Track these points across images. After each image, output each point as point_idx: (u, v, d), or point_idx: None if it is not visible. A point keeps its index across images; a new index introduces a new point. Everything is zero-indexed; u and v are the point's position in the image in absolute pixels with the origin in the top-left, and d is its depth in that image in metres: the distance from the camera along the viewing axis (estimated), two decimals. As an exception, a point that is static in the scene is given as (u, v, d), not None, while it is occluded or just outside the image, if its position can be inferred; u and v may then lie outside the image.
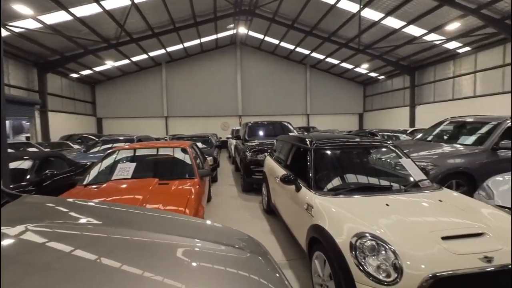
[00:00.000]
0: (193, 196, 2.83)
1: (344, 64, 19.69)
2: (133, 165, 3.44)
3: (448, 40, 12.87)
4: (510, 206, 2.85)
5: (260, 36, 18.98)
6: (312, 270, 2.32)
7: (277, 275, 1.04)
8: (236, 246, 1.21)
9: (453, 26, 11.43)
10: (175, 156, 4.06)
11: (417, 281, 1.55)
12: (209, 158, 6.79)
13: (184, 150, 4.05)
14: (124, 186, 3.11)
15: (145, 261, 0.90)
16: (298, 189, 2.80)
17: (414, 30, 12.97)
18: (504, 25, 10.71)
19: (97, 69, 17.64)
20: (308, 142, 3.12)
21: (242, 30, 17.72)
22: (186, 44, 18.20)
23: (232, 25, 16.92)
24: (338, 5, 12.71)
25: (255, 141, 7.03)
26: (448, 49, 14.06)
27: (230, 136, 13.16)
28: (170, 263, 0.92)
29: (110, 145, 7.48)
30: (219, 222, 1.53)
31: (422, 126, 13.86)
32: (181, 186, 3.11)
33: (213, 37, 18.40)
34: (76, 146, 11.44)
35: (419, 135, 6.48)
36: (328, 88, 22.45)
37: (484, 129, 5.14)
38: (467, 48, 13.50)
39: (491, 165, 4.38)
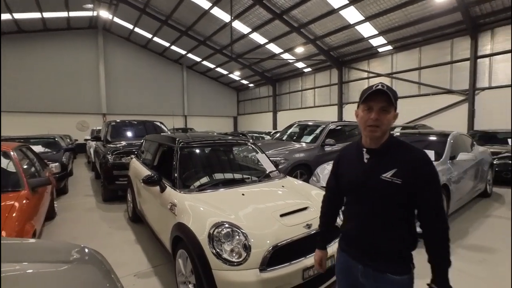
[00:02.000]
0: (14, 214, 2.13)
1: (219, 69, 20.74)
2: None
3: (297, 60, 16.13)
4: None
5: (129, 26, 16.97)
6: (176, 270, 2.27)
7: (108, 284, 0.94)
8: (62, 260, 1.01)
9: (300, 50, 14.44)
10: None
11: (261, 255, 1.83)
12: (55, 165, 5.40)
13: (5, 155, 3.00)
14: None
15: None
16: (162, 189, 2.68)
17: (274, 48, 15.41)
18: (329, 55, 14.58)
19: None
20: (174, 141, 3.05)
21: (104, 14, 15.26)
22: (19, 16, 13.70)
23: (90, 5, 14.22)
24: (212, 11, 13.28)
25: (122, 142, 6.21)
26: (298, 67, 17.62)
27: (89, 137, 10.95)
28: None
29: None
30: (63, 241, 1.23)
31: (281, 128, 16.72)
32: (-4, 203, 2.28)
33: (63, 14, 14.78)
34: None
35: (277, 135, 7.78)
36: (205, 91, 22.94)
37: (317, 131, 6.77)
38: (309, 69, 17.42)
39: (321, 157, 5.81)
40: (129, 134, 7.09)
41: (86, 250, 1.18)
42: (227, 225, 1.96)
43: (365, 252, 1.20)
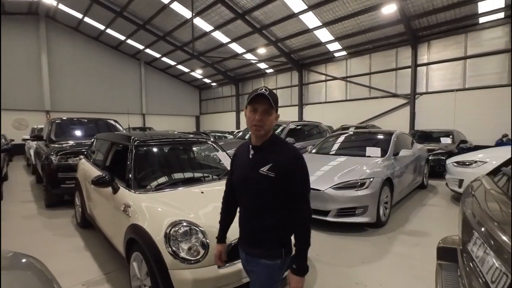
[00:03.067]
0: None
1: (180, 67, 20.07)
2: None
3: (260, 61, 16.39)
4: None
5: (78, 15, 15.48)
6: (130, 274, 2.16)
7: None
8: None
9: (262, 51, 14.69)
10: None
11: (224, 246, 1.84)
12: (-16, 168, 4.70)
13: None
14: None
15: None
16: (115, 191, 2.51)
17: (236, 47, 15.43)
18: (290, 58, 15.10)
19: None
20: (128, 140, 2.89)
21: None
22: None
23: (30, -11, 12.65)
24: (172, 6, 12.79)
25: (70, 142, 5.66)
26: (260, 68, 17.90)
27: (27, 137, 9.72)
28: None
29: None
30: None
31: (244, 128, 16.81)
32: None
33: (-5, -4, 12.91)
34: None
35: (239, 135, 7.82)
36: (165, 88, 21.99)
37: (278, 130, 6.97)
38: (271, 70, 17.82)
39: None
40: (78, 133, 6.49)
41: (23, 258, 1.06)
42: (185, 224, 1.93)
43: (246, 241, 1.37)
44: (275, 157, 1.26)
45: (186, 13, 13.06)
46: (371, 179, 3.69)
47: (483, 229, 1.00)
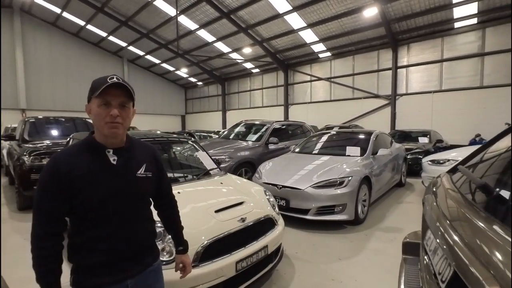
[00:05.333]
0: None
1: (165, 65, 19.74)
2: None
3: (246, 61, 16.39)
4: (269, 182, 4.07)
5: (56, 10, 14.89)
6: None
7: None
8: None
9: (247, 50, 14.70)
10: None
11: (194, 251, 1.83)
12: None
13: None
14: None
15: None
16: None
17: (222, 47, 15.36)
18: (276, 58, 15.19)
19: None
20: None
21: (23, -7, 13.12)
22: None
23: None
24: (155, 3, 12.56)
25: (45, 142, 5.44)
26: (246, 68, 17.91)
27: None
28: None
29: None
30: None
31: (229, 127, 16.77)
32: None
33: (-36, -13, 12.19)
34: None
35: (224, 134, 7.79)
36: (149, 87, 21.55)
37: (262, 130, 7.00)
38: (257, 70, 17.87)
39: (265, 155, 6.04)
40: (55, 132, 6.25)
41: None
42: (159, 225, 1.90)
43: (131, 260, 1.10)
44: (143, 156, 1.15)
45: (171, 11, 12.86)
46: (350, 178, 3.79)
47: (436, 224, 1.05)
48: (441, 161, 5.03)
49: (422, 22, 10.68)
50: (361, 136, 5.33)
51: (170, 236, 1.86)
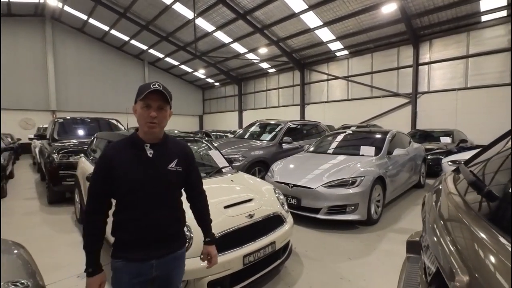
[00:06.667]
0: None
1: (183, 67, 20.25)
2: None
3: (262, 61, 16.46)
4: (281, 181, 4.11)
5: (83, 17, 15.77)
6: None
7: (30, 270, 0.99)
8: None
9: (263, 51, 14.76)
10: None
11: (202, 244, 1.93)
12: (-12, 166, 4.89)
13: None
14: None
15: None
16: (109, 187, 2.62)
17: (238, 47, 15.52)
18: (292, 57, 15.13)
19: None
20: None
21: (53, 1, 14.02)
22: None
23: (36, -9, 12.94)
24: (174, 7, 12.95)
25: (72, 140, 5.83)
26: (262, 68, 17.97)
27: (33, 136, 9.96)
28: None
29: None
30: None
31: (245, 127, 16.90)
32: None
33: (2, -1, 13.24)
34: None
35: (239, 133, 7.91)
36: (168, 88, 22.11)
37: (277, 129, 7.03)
38: (273, 70, 17.87)
39: (278, 154, 6.07)
40: (81, 132, 6.68)
41: (8, 241, 1.20)
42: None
43: (157, 242, 1.24)
44: (175, 152, 1.31)
45: (188, 14, 13.20)
46: (362, 178, 3.74)
47: (431, 223, 1.07)
48: (462, 162, 4.82)
49: (445, 17, 10.20)
50: (377, 136, 5.22)
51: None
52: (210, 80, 22.36)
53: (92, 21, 16.02)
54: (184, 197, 1.45)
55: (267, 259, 2.27)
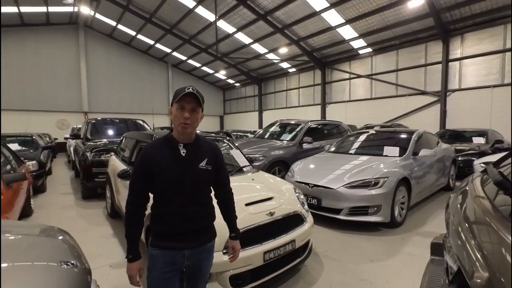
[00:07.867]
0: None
1: (205, 68, 20.73)
2: None
3: (282, 61, 16.41)
4: (301, 181, 4.11)
5: (112, 23, 16.69)
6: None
7: (76, 254, 1.11)
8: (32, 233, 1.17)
9: (284, 50, 14.71)
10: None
11: (224, 239, 2.00)
12: (32, 163, 5.35)
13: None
14: None
15: None
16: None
17: (259, 48, 15.61)
18: (312, 56, 14.94)
19: None
20: (151, 137, 3.17)
21: (86, 10, 14.96)
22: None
23: (71, 1, 13.90)
24: (196, 10, 13.31)
25: (103, 140, 6.23)
26: (282, 67, 17.91)
27: (68, 136, 10.74)
28: None
29: None
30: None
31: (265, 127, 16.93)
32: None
33: (41, 9, 14.37)
34: None
35: (259, 133, 7.98)
36: (191, 90, 22.77)
37: (297, 129, 7.01)
38: (294, 69, 17.75)
39: (298, 154, 6.06)
40: (110, 132, 7.09)
41: (55, 228, 1.34)
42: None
43: (190, 234, 1.35)
44: (206, 152, 1.41)
45: (210, 16, 13.50)
46: (386, 179, 3.65)
47: (454, 226, 1.05)
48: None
49: (479, 9, 9.56)
50: (402, 136, 5.04)
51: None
52: (230, 81, 22.68)
53: (120, 26, 16.90)
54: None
55: (287, 257, 2.31)
